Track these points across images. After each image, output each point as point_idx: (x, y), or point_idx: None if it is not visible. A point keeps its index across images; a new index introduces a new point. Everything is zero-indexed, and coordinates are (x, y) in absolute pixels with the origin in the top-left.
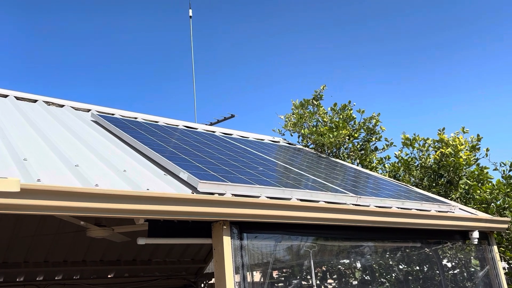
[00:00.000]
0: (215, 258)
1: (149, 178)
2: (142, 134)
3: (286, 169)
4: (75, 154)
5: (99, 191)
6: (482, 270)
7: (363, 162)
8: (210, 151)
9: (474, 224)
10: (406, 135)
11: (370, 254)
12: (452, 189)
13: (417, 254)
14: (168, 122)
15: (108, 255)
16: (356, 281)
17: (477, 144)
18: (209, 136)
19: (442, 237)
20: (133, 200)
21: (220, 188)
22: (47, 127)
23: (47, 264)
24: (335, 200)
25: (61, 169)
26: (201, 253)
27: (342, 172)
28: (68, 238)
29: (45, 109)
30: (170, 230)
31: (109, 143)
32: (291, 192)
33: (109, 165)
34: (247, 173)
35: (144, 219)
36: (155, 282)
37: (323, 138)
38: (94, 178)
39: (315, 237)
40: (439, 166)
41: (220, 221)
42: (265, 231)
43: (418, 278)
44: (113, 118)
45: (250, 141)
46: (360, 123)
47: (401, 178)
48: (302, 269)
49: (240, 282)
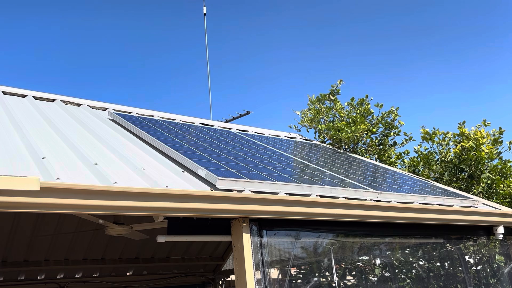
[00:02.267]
0: (235, 255)
1: (167, 176)
2: (159, 132)
3: (304, 165)
4: (93, 152)
5: (118, 188)
6: (507, 267)
7: (381, 157)
8: (227, 148)
9: (499, 219)
10: (426, 129)
11: (391, 251)
12: (474, 183)
13: (440, 250)
14: (185, 120)
15: (127, 253)
16: (376, 278)
17: (500, 137)
18: (225, 133)
19: (466, 233)
20: (152, 198)
21: (239, 185)
22: (65, 126)
23: (67, 262)
24: (355, 196)
25: (79, 168)
26: (218, 250)
27: (361, 168)
28: (87, 237)
29: (63, 108)
30: (190, 227)
31: (126, 141)
32: (310, 188)
33: (127, 162)
34: (264, 170)
35: (163, 216)
36: (174, 279)
37: (341, 133)
38: (113, 176)
39: (335, 233)
40: (460, 160)
41: (239, 218)
42: (284, 228)
43: (440, 274)
44: (130, 116)
45: (266, 138)
46: (378, 118)
47: (420, 173)
48: (322, 266)
49: (261, 279)
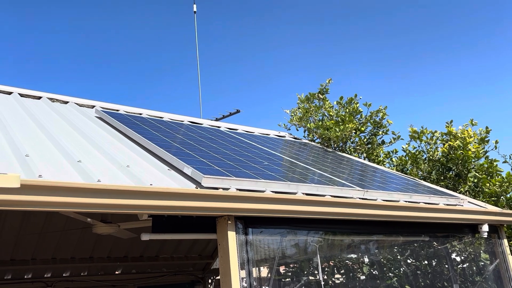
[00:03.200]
0: (220, 253)
1: (152, 174)
2: (147, 130)
3: (292, 163)
4: (78, 150)
5: (101, 186)
6: (491, 264)
7: (370, 156)
8: (215, 146)
9: (484, 217)
10: (414, 128)
11: (378, 249)
12: (461, 182)
13: (426, 248)
14: (173, 118)
15: (115, 252)
16: (363, 276)
17: (486, 137)
18: (214, 131)
19: (451, 231)
20: (136, 196)
21: (225, 183)
22: (51, 124)
23: (54, 261)
24: (341, 194)
25: (63, 165)
26: (208, 249)
27: (349, 166)
28: (75, 235)
29: (49, 105)
30: (175, 225)
31: (113, 139)
32: (297, 187)
33: (112, 160)
34: (252, 168)
35: (148, 214)
36: (163, 278)
37: (329, 132)
38: (97, 173)
39: (322, 231)
40: (447, 159)
41: (224, 216)
42: (270, 226)
43: (426, 272)
44: (117, 114)
45: (256, 136)
46: (367, 117)
47: (408, 171)
48: (309, 264)
49: (246, 277)
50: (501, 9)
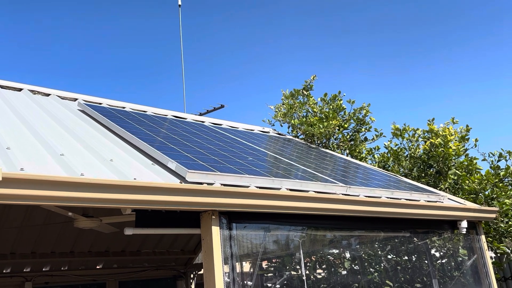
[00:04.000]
0: (203, 248)
1: (136, 168)
2: (130, 124)
3: (276, 159)
4: (61, 144)
5: (84, 180)
6: (470, 259)
7: (352, 153)
8: (199, 141)
9: (463, 213)
10: (396, 125)
11: (360, 244)
12: (441, 179)
13: (406, 244)
14: (157, 112)
15: (97, 246)
16: (345, 271)
17: (466, 135)
18: (199, 126)
19: (431, 227)
20: (120, 190)
21: (209, 178)
22: (32, 116)
23: (34, 255)
24: (324, 190)
25: (45, 158)
26: (190, 244)
27: (332, 163)
28: (55, 229)
29: (31, 98)
30: (158, 220)
31: (95, 133)
32: (281, 182)
33: (95, 154)
34: (236, 163)
35: (131, 209)
36: (144, 272)
37: (313, 128)
38: (80, 167)
39: (305, 227)
40: (428, 156)
41: (209, 211)
42: (254, 221)
43: (407, 267)
44: (100, 107)
45: (240, 131)
46: (350, 114)
47: (390, 168)
48: (292, 259)
49: (229, 272)
50: (488, 10)
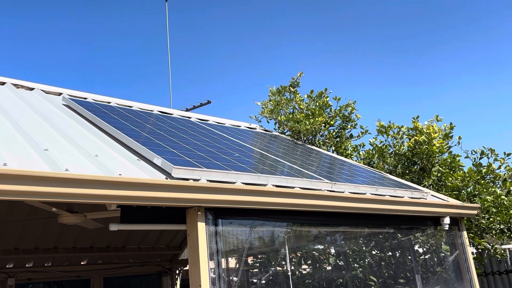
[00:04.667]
0: (189, 244)
1: (121, 163)
2: (115, 119)
3: (262, 155)
4: (45, 139)
5: (69, 175)
6: (452, 255)
7: (338, 150)
8: (185, 137)
9: (446, 210)
10: (381, 122)
11: (345, 240)
12: (425, 176)
13: (390, 240)
14: (143, 107)
15: (81, 242)
16: (330, 267)
17: (450, 133)
18: (185, 121)
19: (415, 223)
20: (105, 185)
21: (195, 174)
22: (16, 111)
23: (17, 251)
24: (310, 186)
25: (29, 154)
26: (176, 240)
27: (318, 159)
28: (39, 225)
29: (14, 92)
30: (143, 216)
31: (80, 128)
32: (267, 178)
33: (80, 149)
34: (222, 159)
35: (116, 204)
36: (130, 268)
37: (299, 125)
38: (64, 162)
39: (291, 223)
40: (412, 153)
41: (194, 207)
42: (240, 217)
43: (391, 263)
44: (85, 102)
45: (226, 128)
46: (336, 111)
47: (375, 165)
48: (278, 254)
49: (215, 268)
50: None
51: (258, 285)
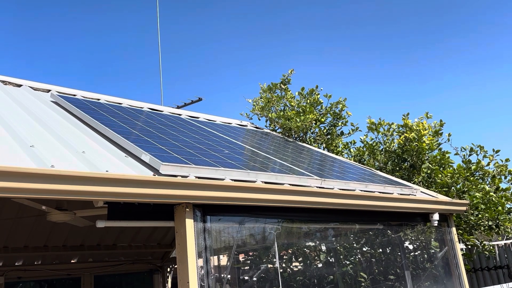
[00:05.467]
0: (177, 241)
1: (109, 160)
2: (104, 116)
3: (253, 152)
4: (31, 135)
5: (54, 171)
6: (441, 251)
7: (329, 147)
8: (175, 134)
9: (435, 206)
10: (372, 119)
11: (335, 236)
12: (415, 173)
13: (380, 236)
14: (132, 104)
15: (71, 240)
16: (321, 263)
17: (440, 129)
18: (175, 119)
19: (404, 220)
20: (91, 182)
21: (183, 171)
22: (3, 107)
23: (6, 249)
24: (299, 183)
25: (15, 150)
26: (167, 238)
27: (309, 156)
28: (28, 223)
29: (1, 88)
30: (131, 213)
31: (68, 124)
32: (256, 175)
33: (67, 146)
34: (212, 156)
35: (103, 201)
36: (121, 266)
37: (290, 122)
38: (50, 159)
39: (280, 219)
40: (402, 150)
41: (182, 204)
42: (229, 213)
43: (381, 259)
44: (74, 99)
45: (217, 125)
46: (327, 108)
47: (365, 162)
48: (267, 251)
49: (203, 265)
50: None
51: (248, 282)
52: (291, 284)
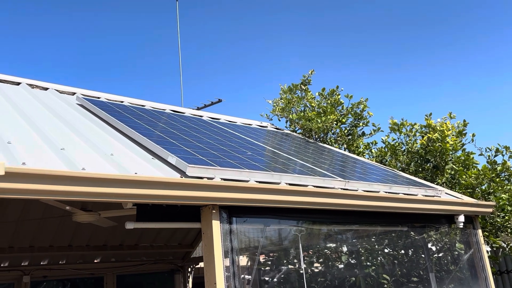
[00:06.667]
0: (204, 242)
1: (136, 162)
2: (129, 118)
3: (274, 153)
4: (61, 138)
5: (86, 174)
6: (466, 254)
7: (350, 147)
8: (198, 136)
9: (460, 208)
10: (394, 120)
11: (357, 238)
12: (438, 174)
13: (404, 238)
14: (155, 106)
15: (95, 240)
16: (343, 265)
17: (464, 130)
18: (197, 120)
19: (429, 221)
20: (122, 184)
21: (209, 173)
22: (32, 110)
23: (32, 249)
24: (323, 185)
25: (46, 153)
26: (188, 238)
27: (330, 157)
28: (54, 223)
29: (29, 92)
30: (159, 214)
31: (95, 127)
32: (280, 177)
33: (95, 148)
34: (235, 158)
35: (132, 203)
36: (142, 266)
37: (311, 123)
38: (81, 161)
39: (304, 221)
40: (425, 151)
41: (209, 205)
42: (254, 215)
43: (404, 261)
44: (99, 101)
45: (238, 126)
46: (348, 108)
47: (387, 163)
48: (291, 253)
49: (229, 266)
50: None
51: (271, 283)
52: (314, 285)
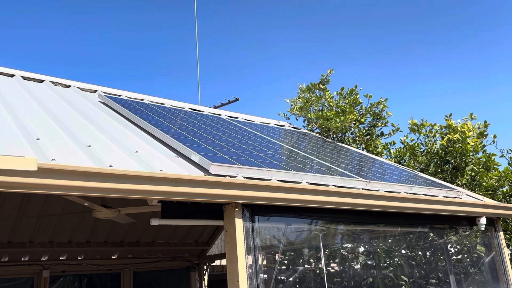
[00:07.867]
0: (227, 240)
1: (160, 160)
2: (150, 116)
3: (293, 152)
4: (86, 135)
5: (114, 171)
6: (487, 256)
7: (368, 147)
8: (218, 134)
9: (482, 210)
10: (414, 120)
11: (377, 238)
12: (458, 175)
13: (424, 239)
14: (174, 104)
15: (112, 236)
16: (363, 265)
17: (485, 131)
18: (216, 119)
19: (449, 223)
20: (147, 181)
21: (232, 171)
22: (56, 108)
23: (52, 244)
24: (344, 185)
25: (74, 149)
26: (204, 235)
27: (348, 157)
28: (73, 219)
29: (52, 89)
30: (183, 211)
31: (118, 124)
32: (301, 176)
33: (120, 146)
34: (256, 156)
35: (157, 200)
36: (158, 263)
37: (329, 122)
38: (107, 158)
39: (325, 220)
40: (445, 152)
41: (232, 203)
42: (276, 214)
43: (423, 263)
44: (120, 99)
45: (256, 125)
46: (367, 108)
47: (406, 163)
48: (312, 252)
49: (252, 264)
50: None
51: (292, 281)
52: (333, 285)
